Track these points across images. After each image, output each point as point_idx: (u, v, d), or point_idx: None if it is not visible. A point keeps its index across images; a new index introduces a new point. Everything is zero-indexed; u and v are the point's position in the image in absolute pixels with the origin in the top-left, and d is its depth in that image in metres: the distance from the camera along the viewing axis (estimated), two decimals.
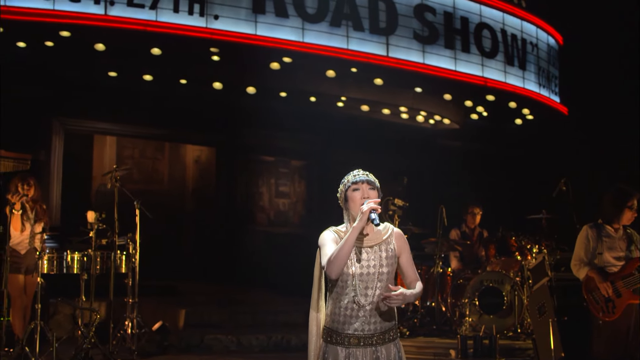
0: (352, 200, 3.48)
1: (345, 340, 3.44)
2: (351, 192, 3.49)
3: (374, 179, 3.54)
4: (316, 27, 9.94)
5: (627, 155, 11.44)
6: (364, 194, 3.46)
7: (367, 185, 3.48)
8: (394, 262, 3.52)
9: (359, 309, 3.41)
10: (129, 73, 10.33)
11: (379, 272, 3.44)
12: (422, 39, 10.57)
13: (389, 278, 3.48)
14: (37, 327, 6.19)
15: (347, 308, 3.43)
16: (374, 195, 3.48)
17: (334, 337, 3.46)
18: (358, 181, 3.49)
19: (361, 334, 3.43)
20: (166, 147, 13.47)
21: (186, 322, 8.39)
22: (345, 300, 3.43)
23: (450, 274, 9.11)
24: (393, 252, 3.51)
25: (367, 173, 3.55)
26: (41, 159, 10.42)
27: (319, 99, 11.41)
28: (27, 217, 6.93)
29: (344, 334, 3.44)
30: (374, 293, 3.42)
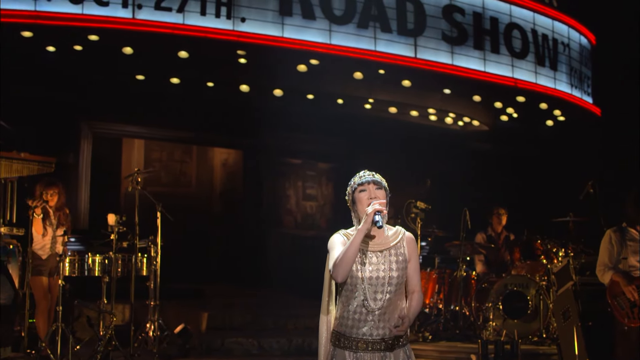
0: (360, 201, 3.44)
1: (353, 345, 3.41)
2: (358, 193, 3.45)
3: (381, 178, 3.50)
4: (343, 28, 9.90)
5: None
6: (371, 194, 3.42)
7: (374, 186, 3.44)
8: (405, 267, 3.46)
9: (368, 313, 3.38)
10: (157, 76, 10.37)
11: (389, 276, 3.39)
12: (450, 40, 10.46)
13: (399, 282, 3.43)
14: (59, 329, 6.20)
15: (356, 312, 3.40)
16: (382, 195, 3.43)
17: (342, 340, 3.44)
18: (364, 182, 3.45)
19: (369, 338, 3.40)
20: (194, 150, 13.51)
21: (208, 325, 8.37)
22: (355, 304, 3.40)
23: (475, 278, 8.98)
24: (404, 257, 3.47)
25: (374, 173, 3.51)
26: (70, 162, 10.53)
27: (346, 101, 11.34)
28: (50, 222, 6.96)
29: (352, 338, 3.41)
30: (384, 297, 3.38)
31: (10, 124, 7.73)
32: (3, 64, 9.44)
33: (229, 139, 12.24)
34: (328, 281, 3.53)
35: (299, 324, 8.54)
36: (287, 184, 12.71)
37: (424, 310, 8.84)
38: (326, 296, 3.52)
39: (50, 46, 9.42)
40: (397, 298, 3.42)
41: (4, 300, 5.26)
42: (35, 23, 8.96)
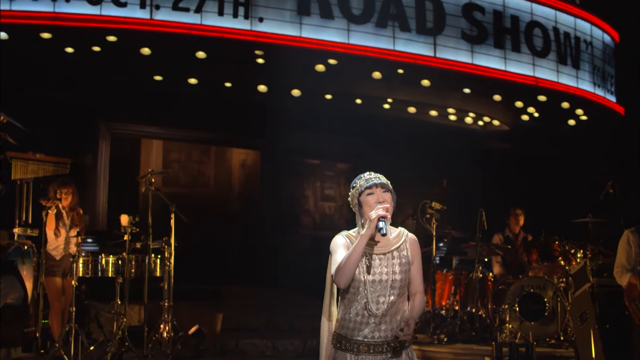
0: (367, 204, 3.37)
1: (354, 347, 3.37)
2: (365, 196, 3.39)
3: (387, 181, 3.45)
4: (362, 28, 9.84)
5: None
6: (379, 197, 3.37)
7: (381, 189, 3.39)
8: (408, 269, 3.41)
9: (370, 316, 3.34)
10: (174, 77, 10.39)
11: (391, 279, 3.35)
12: (470, 39, 10.35)
13: (402, 285, 3.38)
14: (72, 330, 6.21)
15: (358, 315, 3.36)
16: (388, 198, 3.38)
17: (343, 343, 3.40)
18: (372, 185, 3.39)
19: (371, 340, 3.35)
20: (212, 150, 13.52)
21: (223, 326, 8.35)
22: (357, 307, 3.36)
23: (492, 279, 8.86)
24: (407, 259, 3.42)
25: (379, 175, 3.46)
26: (88, 163, 10.58)
27: (365, 101, 11.28)
28: (63, 222, 6.96)
29: (354, 340, 3.37)
30: (387, 301, 3.34)
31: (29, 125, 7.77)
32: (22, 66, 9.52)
33: (247, 140, 12.23)
34: (330, 283, 3.51)
35: (314, 325, 8.42)
36: (306, 185, 12.66)
37: (440, 312, 8.74)
38: (328, 298, 3.50)
39: (68, 47, 9.48)
40: (399, 301, 3.38)
41: (14, 300, 5.24)
42: (54, 24, 9.01)
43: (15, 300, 5.27)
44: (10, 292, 5.16)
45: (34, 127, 9.18)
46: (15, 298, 5.26)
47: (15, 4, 9.00)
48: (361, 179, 3.45)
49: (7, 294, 5.16)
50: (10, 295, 5.21)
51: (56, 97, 10.01)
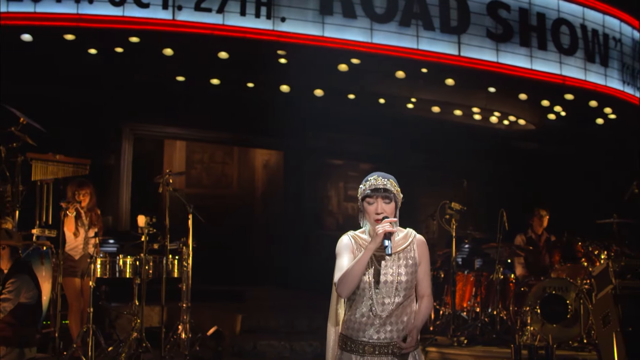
0: (367, 212, 3.31)
1: (360, 348, 3.32)
2: (366, 204, 3.30)
3: (392, 185, 3.29)
4: (385, 27, 9.79)
5: None
6: (378, 208, 3.26)
7: (382, 199, 3.26)
8: (414, 271, 3.34)
9: (375, 317, 3.29)
10: (197, 77, 10.39)
11: (397, 281, 3.28)
12: (495, 37, 10.25)
13: (408, 287, 3.32)
14: (90, 331, 6.21)
15: (364, 316, 3.31)
16: (390, 209, 3.26)
17: (348, 344, 3.35)
18: (373, 194, 3.27)
19: (376, 341, 3.30)
20: (235, 151, 13.49)
21: (243, 328, 8.30)
22: (362, 309, 3.31)
23: (514, 281, 8.70)
24: (414, 261, 3.34)
25: (386, 181, 3.29)
26: (111, 164, 10.63)
27: (388, 100, 11.20)
28: (82, 222, 6.97)
29: (359, 341, 3.32)
30: (392, 302, 3.28)
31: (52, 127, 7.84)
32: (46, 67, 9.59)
33: (270, 140, 12.17)
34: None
35: None
36: (329, 185, 12.58)
37: (460, 314, 8.61)
38: (334, 303, 3.45)
39: (92, 49, 9.53)
40: (406, 303, 3.32)
41: (28, 300, 5.24)
42: (77, 26, 9.08)
43: (29, 299, 5.24)
44: (24, 292, 5.16)
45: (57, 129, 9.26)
46: (29, 297, 5.23)
47: (39, 6, 9.09)
48: (367, 182, 3.33)
49: (21, 294, 5.14)
50: (24, 294, 5.18)
51: (79, 99, 10.07)
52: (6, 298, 5.13)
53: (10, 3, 9.12)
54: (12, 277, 5.21)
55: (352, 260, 3.26)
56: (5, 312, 5.12)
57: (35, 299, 5.31)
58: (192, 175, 13.10)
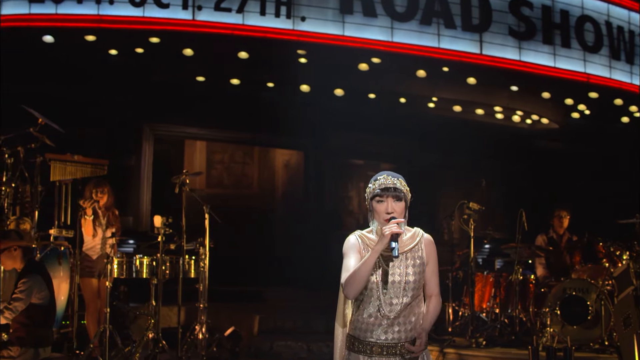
0: (376, 211, 3.25)
1: (367, 349, 3.28)
2: (375, 203, 3.24)
3: (402, 185, 3.25)
4: (406, 26, 9.75)
5: None
6: (388, 207, 3.20)
7: (392, 199, 3.21)
8: (422, 271, 3.30)
9: (383, 317, 3.25)
10: (217, 77, 10.40)
11: (405, 281, 3.24)
12: (518, 35, 10.14)
13: (416, 287, 3.27)
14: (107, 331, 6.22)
15: (371, 316, 3.27)
16: (400, 208, 3.22)
17: (356, 345, 3.31)
18: (383, 193, 3.22)
19: (384, 342, 3.27)
20: (255, 151, 13.48)
21: (260, 328, 8.28)
22: (370, 310, 3.27)
23: (533, 282, 8.57)
24: (422, 260, 3.30)
25: (396, 180, 3.25)
26: (131, 164, 10.67)
27: (409, 100, 11.13)
28: (99, 222, 6.98)
29: (367, 342, 3.29)
30: (400, 302, 3.24)
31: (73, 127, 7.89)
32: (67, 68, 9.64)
33: (290, 140, 12.16)
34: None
35: None
36: (350, 185, 12.51)
37: (479, 315, 8.50)
38: (341, 303, 3.41)
39: (112, 49, 9.60)
40: (414, 303, 3.28)
41: (40, 300, 5.26)
42: (98, 27, 9.15)
43: (41, 300, 5.25)
44: (35, 292, 5.18)
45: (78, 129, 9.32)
46: (41, 298, 5.24)
47: (60, 8, 9.17)
48: (376, 181, 3.28)
49: (33, 294, 5.17)
50: (35, 295, 5.21)
51: (100, 99, 10.11)
52: (18, 298, 5.15)
53: (32, 5, 9.22)
54: (24, 278, 5.23)
55: (359, 260, 3.23)
56: (18, 312, 5.16)
57: (47, 299, 5.32)
58: (213, 175, 13.10)
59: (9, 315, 5.12)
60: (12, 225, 6.30)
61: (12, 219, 6.44)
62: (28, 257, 5.40)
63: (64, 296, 6.55)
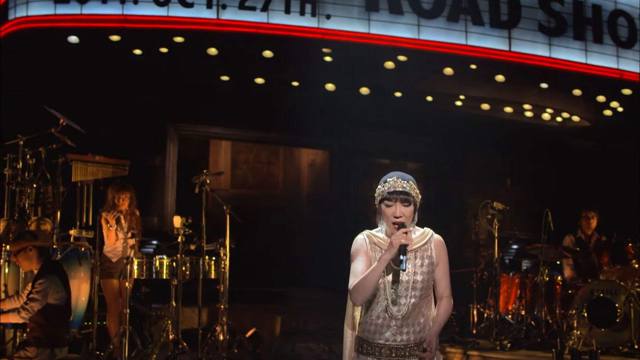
0: (384, 215, 3.22)
1: (376, 351, 3.25)
2: (384, 206, 3.21)
3: (412, 188, 3.19)
4: (432, 23, 9.66)
5: None
6: (397, 211, 3.16)
7: (401, 203, 3.16)
8: (431, 271, 3.25)
9: (391, 318, 3.21)
10: (241, 77, 10.36)
11: (412, 280, 3.20)
12: (548, 31, 9.95)
13: (424, 287, 3.23)
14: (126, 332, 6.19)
15: (379, 317, 3.23)
16: (409, 212, 3.16)
17: (364, 347, 3.28)
18: (392, 196, 3.17)
19: (393, 344, 3.23)
20: (281, 151, 13.40)
21: (282, 330, 8.26)
22: (378, 310, 3.24)
23: (560, 283, 8.36)
24: (430, 260, 3.25)
25: (405, 183, 3.19)
26: (156, 164, 10.68)
27: (436, 98, 10.99)
28: (121, 226, 6.96)
29: (375, 343, 3.25)
30: (408, 302, 3.20)
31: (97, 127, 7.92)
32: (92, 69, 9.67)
33: (315, 140, 12.08)
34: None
35: None
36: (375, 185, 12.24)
37: (505, 317, 8.31)
38: (350, 303, 3.37)
39: (136, 49, 9.60)
40: (422, 303, 3.24)
41: (57, 300, 5.24)
42: (122, 27, 9.18)
43: (58, 301, 5.24)
44: (52, 293, 5.17)
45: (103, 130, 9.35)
46: (57, 299, 5.23)
47: (85, 8, 9.23)
48: (385, 184, 3.22)
49: (49, 295, 5.17)
50: (52, 296, 5.20)
51: (124, 99, 10.14)
52: (34, 298, 5.15)
53: (57, 5, 9.26)
54: (41, 278, 5.22)
55: (366, 263, 3.22)
56: (34, 312, 5.15)
57: (64, 300, 5.30)
58: (238, 175, 13.06)
59: (25, 315, 5.13)
60: (33, 226, 6.31)
61: (33, 219, 6.44)
62: (44, 257, 5.39)
63: (84, 297, 6.53)
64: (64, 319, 5.37)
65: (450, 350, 7.53)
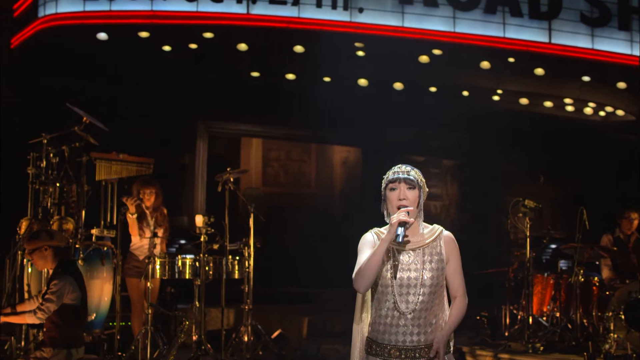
0: (389, 200, 3.20)
1: (385, 352, 3.18)
2: (388, 191, 3.21)
3: (417, 175, 3.22)
4: (469, 15, 9.49)
5: None
6: (401, 194, 3.16)
7: (406, 185, 3.17)
8: (440, 268, 3.18)
9: (400, 317, 3.15)
10: (272, 72, 10.28)
11: (421, 277, 3.14)
12: (591, 22, 9.65)
13: (434, 284, 3.15)
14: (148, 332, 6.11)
15: (388, 316, 3.18)
16: (413, 196, 3.16)
17: (373, 347, 3.22)
18: (396, 179, 3.19)
19: (402, 345, 3.16)
20: (313, 148, 13.28)
21: (309, 331, 8.23)
22: (386, 308, 3.18)
23: (597, 284, 8.02)
24: (439, 257, 3.19)
25: (409, 169, 3.23)
26: (186, 163, 10.63)
27: (472, 93, 10.78)
28: (147, 223, 6.86)
29: (384, 344, 3.19)
30: (416, 300, 3.13)
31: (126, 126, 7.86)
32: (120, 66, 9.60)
33: (348, 137, 11.93)
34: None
35: None
36: None
37: (538, 319, 8.00)
38: (359, 302, 3.33)
39: (166, 46, 9.55)
40: (432, 302, 3.17)
41: (72, 301, 5.16)
42: (151, 23, 9.14)
43: (73, 301, 5.17)
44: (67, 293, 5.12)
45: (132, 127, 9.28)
46: (73, 299, 5.17)
47: (114, 4, 9.22)
48: (390, 171, 3.26)
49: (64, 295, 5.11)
50: (67, 296, 5.14)
51: (153, 97, 10.11)
52: (49, 299, 5.10)
53: (87, 2, 9.24)
54: (55, 279, 5.17)
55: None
56: (50, 313, 5.10)
57: (79, 300, 5.24)
58: (269, 173, 12.97)
59: (42, 315, 5.09)
60: (55, 225, 6.24)
61: (55, 218, 6.37)
62: (60, 257, 5.34)
63: (107, 297, 6.44)
64: (80, 319, 5.33)
65: (481, 353, 7.37)
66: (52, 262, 5.27)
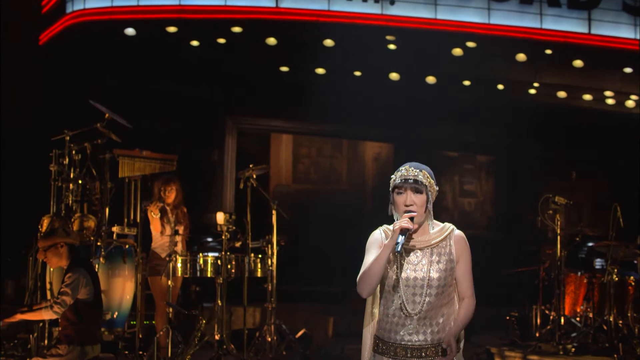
0: (396, 204, 3.15)
1: (391, 350, 3.16)
2: (395, 194, 3.15)
3: (425, 177, 3.13)
4: (504, 6, 9.35)
5: None
6: (407, 200, 3.10)
7: (412, 191, 3.11)
8: (450, 268, 3.14)
9: (407, 317, 3.12)
10: (301, 67, 10.20)
11: (428, 277, 3.11)
12: (633, 10, 9.42)
13: (441, 285, 3.11)
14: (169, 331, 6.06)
15: (395, 315, 3.15)
16: (421, 200, 3.11)
17: (380, 345, 3.20)
18: (403, 184, 3.11)
19: (408, 344, 3.13)
20: (344, 144, 13.14)
21: (334, 331, 8.19)
22: (393, 307, 3.15)
23: (633, 284, 7.74)
24: (448, 257, 3.15)
25: (417, 172, 3.13)
26: (214, 159, 10.59)
27: (508, 86, 10.58)
28: (167, 220, 6.81)
29: (390, 343, 3.16)
30: (423, 301, 3.10)
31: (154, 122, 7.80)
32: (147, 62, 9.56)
33: (380, 132, 11.78)
34: None
35: None
36: (443, 179, 11.97)
37: (572, 320, 7.72)
38: (369, 301, 3.29)
39: (194, 40, 9.54)
40: (440, 303, 3.13)
41: (86, 295, 5.16)
42: (179, 17, 9.13)
43: (87, 295, 5.17)
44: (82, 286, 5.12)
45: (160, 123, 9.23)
46: (87, 293, 5.17)
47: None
48: (398, 172, 3.18)
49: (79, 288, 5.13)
50: (82, 289, 5.14)
51: (181, 92, 10.13)
52: (65, 292, 5.11)
53: None
54: (70, 272, 5.19)
55: None
56: (67, 306, 5.10)
57: (92, 295, 5.24)
58: (300, 170, 12.86)
59: (58, 309, 5.09)
60: (76, 223, 6.24)
61: (76, 216, 6.34)
62: (73, 255, 5.34)
63: (129, 295, 6.39)
64: (95, 315, 5.32)
65: (509, 354, 7.23)
66: (67, 260, 5.28)
